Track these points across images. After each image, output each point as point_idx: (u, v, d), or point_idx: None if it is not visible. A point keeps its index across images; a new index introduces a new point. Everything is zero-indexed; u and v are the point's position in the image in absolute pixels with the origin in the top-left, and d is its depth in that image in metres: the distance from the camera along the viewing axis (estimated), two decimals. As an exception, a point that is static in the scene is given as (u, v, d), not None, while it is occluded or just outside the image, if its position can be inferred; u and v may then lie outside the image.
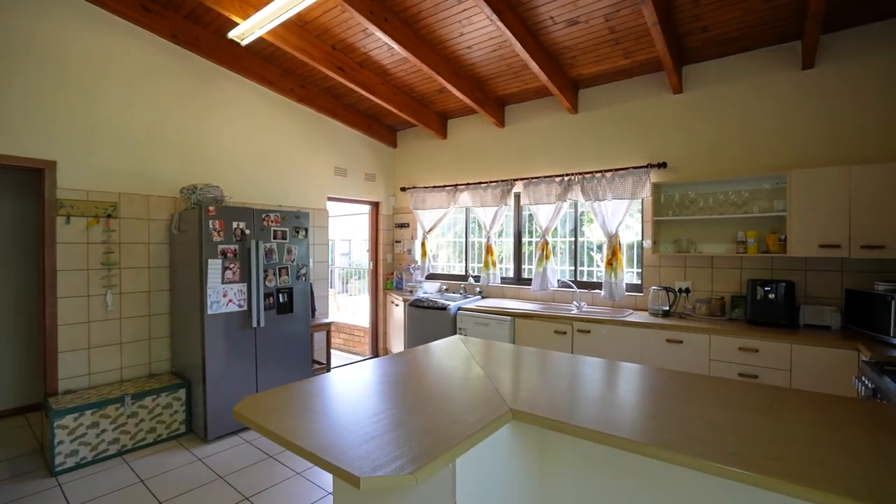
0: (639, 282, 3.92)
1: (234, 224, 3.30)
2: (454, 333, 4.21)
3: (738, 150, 3.36)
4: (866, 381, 2.18)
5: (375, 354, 5.51)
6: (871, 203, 2.70)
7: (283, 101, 4.43)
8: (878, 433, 1.31)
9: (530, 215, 4.61)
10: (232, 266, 3.27)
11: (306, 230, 3.77)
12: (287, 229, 3.63)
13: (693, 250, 3.47)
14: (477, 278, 4.85)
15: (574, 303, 4.07)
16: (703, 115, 3.51)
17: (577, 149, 4.15)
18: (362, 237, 9.52)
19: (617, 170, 3.79)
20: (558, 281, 4.29)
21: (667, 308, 3.47)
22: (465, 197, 4.81)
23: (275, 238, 3.55)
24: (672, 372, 1.94)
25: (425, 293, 4.96)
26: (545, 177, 4.20)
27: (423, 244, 5.18)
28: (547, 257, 4.23)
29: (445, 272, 5.32)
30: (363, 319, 6.62)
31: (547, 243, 4.24)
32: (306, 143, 4.67)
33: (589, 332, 3.48)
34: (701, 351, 3.02)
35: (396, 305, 4.97)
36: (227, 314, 3.24)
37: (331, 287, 7.28)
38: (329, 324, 4.24)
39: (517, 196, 4.59)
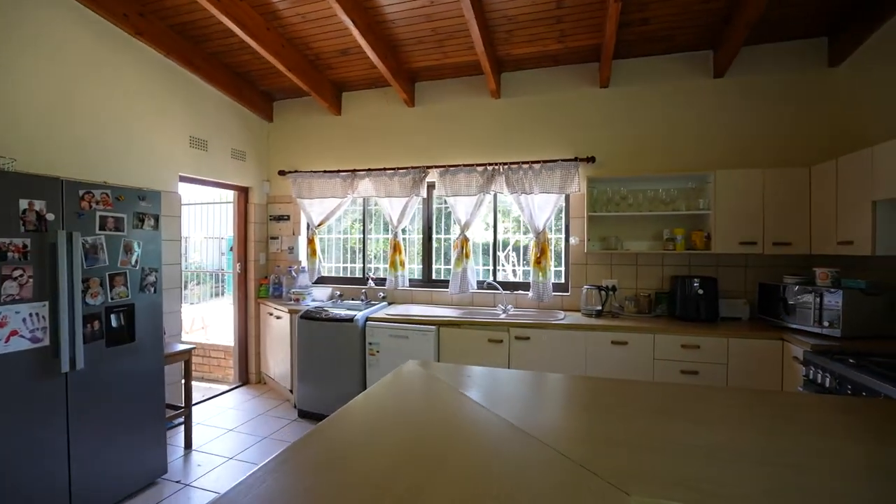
0: (563, 281, 3.76)
1: (24, 203, 1.99)
2: (363, 350, 3.44)
3: (661, 149, 3.42)
4: (818, 371, 2.26)
5: (244, 381, 4.31)
6: (781, 203, 2.94)
7: (114, 32, 3.02)
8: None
9: (441, 209, 4.10)
10: (18, 274, 1.96)
11: (156, 219, 2.57)
12: (125, 216, 2.40)
13: (620, 248, 3.42)
14: (380, 281, 4.13)
15: (499, 306, 3.70)
16: (629, 111, 3.49)
17: (500, 137, 3.79)
18: (206, 232, 7.74)
19: (545, 161, 3.55)
20: (478, 282, 3.88)
21: (599, 308, 3.34)
22: (365, 185, 4.05)
23: (103, 229, 2.29)
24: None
25: (316, 301, 4.03)
26: (465, 165, 3.74)
27: (310, 241, 4.22)
28: (466, 256, 3.78)
29: (336, 274, 4.45)
30: (220, 336, 5.23)
31: (467, 240, 3.78)
32: (150, 98, 3.30)
33: (528, 338, 3.13)
34: (646, 351, 2.93)
35: (278, 318, 3.92)
36: (6, 357, 1.92)
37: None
38: (189, 350, 3.02)
39: (430, 186, 4.03)
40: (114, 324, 2.35)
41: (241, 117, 4.16)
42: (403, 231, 4.01)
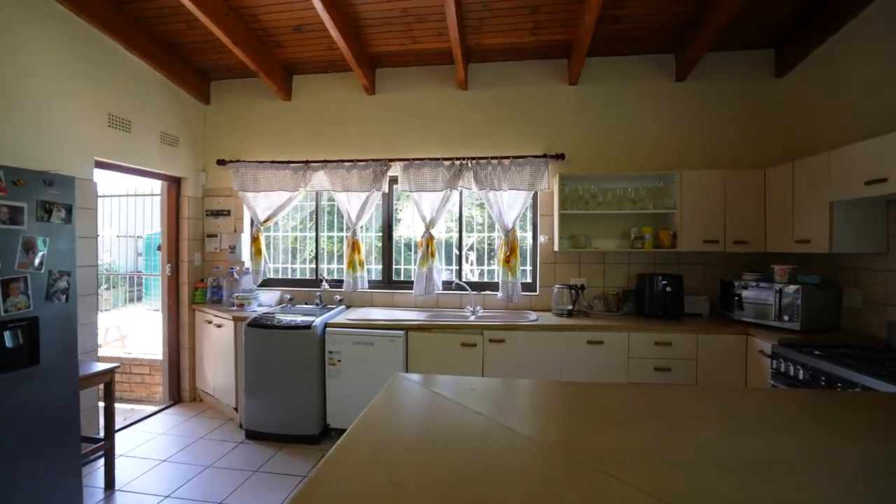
0: (530, 281, 3.68)
1: None
2: (322, 359, 3.10)
3: (629, 148, 3.45)
4: (789, 363, 2.34)
5: (176, 399, 3.76)
6: (739, 204, 3.07)
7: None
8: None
9: (396, 205, 3.86)
10: None
11: (69, 210, 2.08)
12: (25, 205, 1.91)
13: (589, 246, 3.40)
14: (336, 283, 3.79)
15: (467, 307, 3.54)
16: (597, 110, 3.49)
17: (468, 130, 3.63)
18: (120, 230, 6.81)
19: (515, 157, 3.44)
20: (444, 283, 3.69)
21: (570, 307, 3.30)
22: (320, 178, 3.69)
23: (-5, 221, 1.80)
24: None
25: (264, 306, 3.60)
26: (431, 159, 3.53)
27: (255, 240, 3.77)
28: (432, 255, 3.58)
29: (285, 276, 4.03)
30: (143, 348, 4.57)
31: (432, 238, 3.58)
32: (60, 66, 2.72)
33: (503, 341, 2.99)
34: (621, 350, 2.91)
35: (218, 326, 3.45)
36: None
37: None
38: (111, 370, 2.50)
39: (391, 181, 3.76)
40: (8, 343, 1.85)
41: (173, 96, 3.61)
42: (363, 229, 3.71)
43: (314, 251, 3.96)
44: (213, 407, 3.65)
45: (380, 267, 3.89)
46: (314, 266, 3.96)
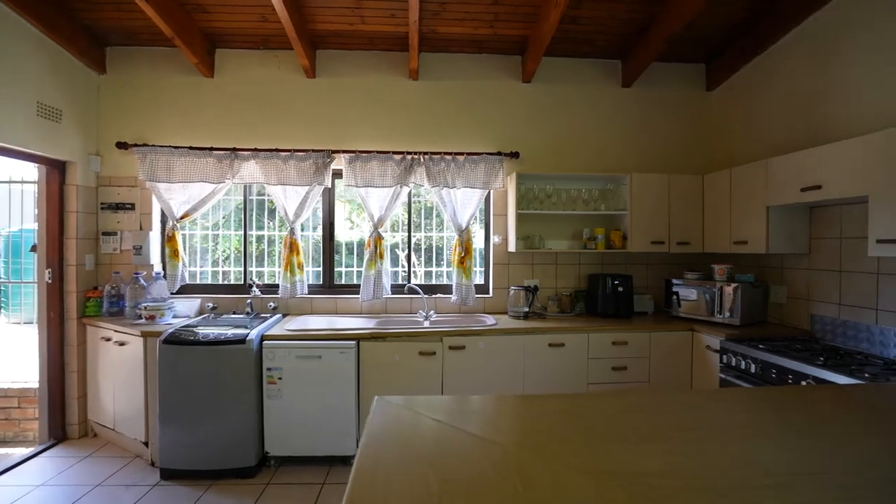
0: (482, 282, 3.57)
1: None
2: (259, 378, 2.68)
3: (581, 149, 3.48)
4: (738, 357, 2.48)
5: (60, 437, 3.03)
6: (682, 207, 3.24)
7: None
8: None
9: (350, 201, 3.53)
10: None
11: None
12: None
13: (543, 247, 3.37)
14: (268, 288, 3.35)
15: (420, 312, 3.32)
16: (551, 109, 3.47)
17: (419, 123, 3.41)
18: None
19: (469, 154, 3.30)
20: (393, 286, 3.44)
21: (527, 309, 3.24)
22: (251, 169, 3.22)
23: None
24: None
25: (181, 318, 3.05)
26: (380, 152, 3.26)
27: (170, 239, 3.19)
28: (381, 257, 3.30)
29: (205, 281, 3.48)
30: (7, 374, 3.67)
31: (381, 238, 3.31)
32: None
33: (464, 347, 2.83)
34: (581, 351, 2.90)
35: (121, 344, 2.84)
36: None
37: None
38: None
39: (334, 175, 3.40)
40: None
41: (56, 60, 2.89)
42: (301, 228, 3.31)
43: (242, 252, 3.46)
44: (113, 443, 3.00)
45: (319, 270, 3.52)
46: (242, 269, 3.45)
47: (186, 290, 3.33)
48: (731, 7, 2.89)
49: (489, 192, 3.47)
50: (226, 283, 3.48)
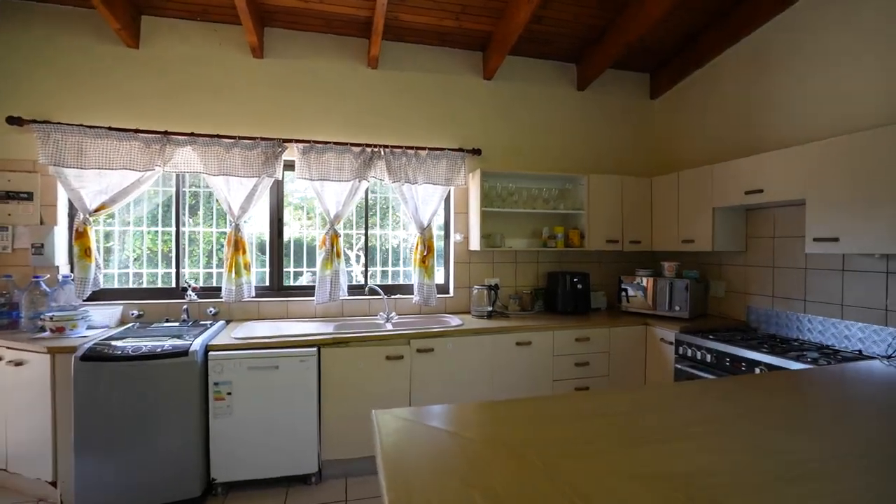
0: (443, 282, 3.48)
1: None
2: (204, 395, 2.34)
3: (540, 149, 3.53)
4: (692, 348, 2.65)
5: (-74, 484, 2.40)
6: (634, 207, 3.41)
7: None
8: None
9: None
10: None
11: None
12: None
13: (503, 245, 3.36)
14: (206, 291, 2.96)
15: (380, 314, 3.14)
16: (511, 108, 3.47)
17: (379, 115, 3.22)
18: None
19: (432, 149, 3.19)
20: (366, 288, 3.23)
21: (490, 308, 3.20)
22: (186, 156, 2.82)
23: None
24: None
25: (98, 329, 2.58)
26: (337, 143, 3.03)
27: (81, 235, 2.68)
28: (338, 256, 3.08)
29: (125, 285, 2.99)
30: None
31: (337, 236, 3.08)
32: None
33: (432, 350, 2.72)
34: (547, 348, 2.92)
35: (18, 364, 2.32)
36: None
37: None
38: None
39: (285, 166, 3.10)
40: None
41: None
42: (246, 223, 2.97)
43: (174, 251, 3.02)
44: (4, 487, 2.45)
45: (266, 270, 3.19)
46: (174, 271, 3.02)
47: (102, 295, 2.83)
48: (676, 22, 3.09)
49: (450, 190, 3.38)
50: (153, 286, 3.02)
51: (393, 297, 3.26)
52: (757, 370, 2.26)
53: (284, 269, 3.22)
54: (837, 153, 2.18)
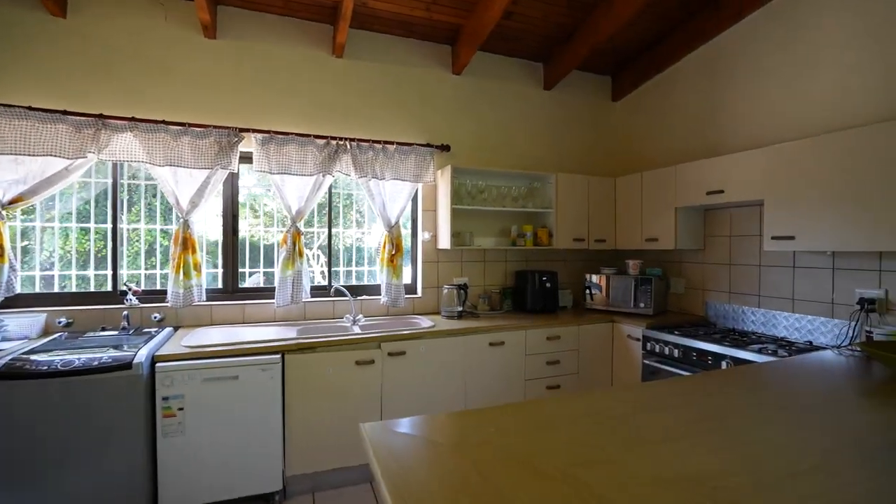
0: (410, 282, 3.36)
1: None
2: (151, 412, 2.08)
3: (508, 147, 3.50)
4: (660, 344, 2.72)
5: None
6: (599, 206, 3.47)
7: None
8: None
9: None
10: None
11: None
12: None
13: (472, 244, 3.30)
14: (149, 296, 2.66)
15: (346, 316, 2.97)
16: (478, 104, 3.42)
17: (343, 106, 3.05)
18: None
19: (400, 144, 3.07)
20: (332, 289, 3.03)
21: (460, 309, 3.13)
22: (125, 143, 2.50)
23: None
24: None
25: (15, 341, 2.23)
26: (300, 135, 2.83)
27: (-8, 232, 2.31)
28: (300, 255, 2.88)
29: (49, 290, 2.61)
30: None
31: (300, 234, 2.88)
32: None
33: (404, 353, 2.60)
34: (519, 348, 2.89)
35: (-89, 385, 1.94)
36: None
37: None
38: None
39: (241, 158, 2.84)
40: None
41: None
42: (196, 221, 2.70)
43: (110, 250, 2.68)
44: None
45: (219, 271, 2.93)
46: (110, 272, 2.68)
47: (19, 302, 2.46)
48: (638, 27, 3.17)
49: (418, 187, 3.28)
50: (84, 291, 2.66)
51: (359, 298, 3.10)
52: (723, 363, 2.35)
53: (240, 270, 2.97)
54: (792, 156, 2.32)
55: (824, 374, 1.76)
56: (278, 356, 2.31)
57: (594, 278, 3.39)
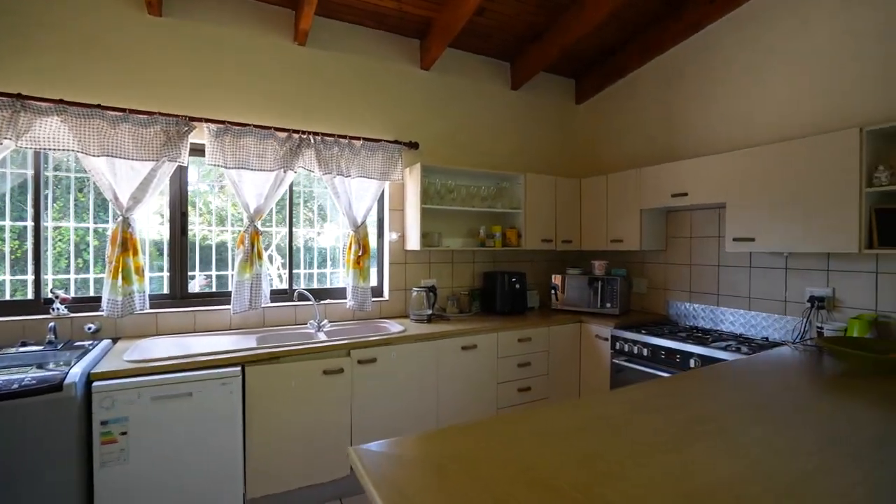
0: (376, 284, 3.21)
1: None
2: (86, 440, 1.81)
3: (476, 146, 3.45)
4: (628, 343, 2.77)
5: None
6: (565, 207, 3.50)
7: None
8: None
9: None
10: None
11: None
12: None
13: (441, 244, 3.21)
14: (80, 303, 2.33)
15: (310, 322, 2.78)
16: (446, 102, 3.33)
17: (305, 98, 2.85)
18: None
19: (367, 140, 2.92)
20: (294, 292, 2.82)
21: (430, 311, 3.03)
22: (50, 128, 2.17)
23: None
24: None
25: None
26: (259, 126, 2.61)
27: None
28: (258, 257, 2.66)
29: (-47, 299, 2.23)
30: None
31: (258, 234, 2.66)
32: None
33: (375, 360, 2.47)
34: (491, 351, 2.84)
35: None
36: None
37: None
38: None
39: (192, 150, 2.57)
40: None
41: None
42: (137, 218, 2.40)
43: (31, 252, 2.33)
44: None
45: (164, 275, 2.64)
46: (31, 277, 2.32)
47: (-84, 313, 2.07)
48: (602, 33, 3.23)
49: (385, 185, 3.14)
50: (-2, 299, 2.29)
51: (323, 302, 2.92)
52: (692, 361, 2.42)
53: (189, 273, 2.69)
54: (748, 163, 2.43)
55: (787, 369, 1.85)
56: (238, 368, 2.10)
57: (560, 279, 3.41)
